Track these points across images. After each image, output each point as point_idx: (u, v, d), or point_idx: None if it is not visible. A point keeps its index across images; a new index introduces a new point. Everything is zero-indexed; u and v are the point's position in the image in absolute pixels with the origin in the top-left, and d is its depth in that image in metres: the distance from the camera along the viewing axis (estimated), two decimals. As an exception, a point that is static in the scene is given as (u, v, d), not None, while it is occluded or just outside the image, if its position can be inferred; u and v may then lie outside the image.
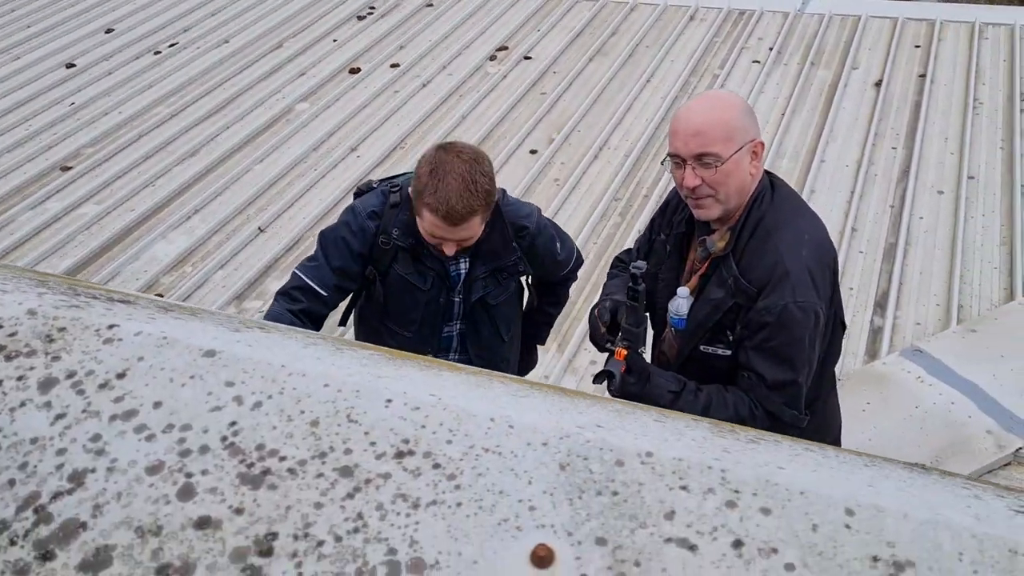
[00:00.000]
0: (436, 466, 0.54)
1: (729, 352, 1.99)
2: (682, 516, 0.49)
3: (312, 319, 2.27)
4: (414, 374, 0.62)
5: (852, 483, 0.51)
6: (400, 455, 0.55)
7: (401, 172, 2.60)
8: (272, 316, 2.26)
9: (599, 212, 5.02)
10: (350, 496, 0.53)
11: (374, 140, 5.90)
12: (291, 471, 0.55)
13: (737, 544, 0.47)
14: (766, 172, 2.02)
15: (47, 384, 0.61)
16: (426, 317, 2.45)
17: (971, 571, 0.46)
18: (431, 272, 2.37)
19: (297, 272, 2.38)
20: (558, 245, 2.56)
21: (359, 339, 2.67)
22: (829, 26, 6.83)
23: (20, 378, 0.62)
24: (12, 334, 0.65)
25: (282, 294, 2.36)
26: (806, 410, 1.98)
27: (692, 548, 0.47)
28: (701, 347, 2.03)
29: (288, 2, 8.13)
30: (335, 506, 0.53)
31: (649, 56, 6.68)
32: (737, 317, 1.95)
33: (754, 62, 6.44)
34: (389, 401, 0.59)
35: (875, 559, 0.46)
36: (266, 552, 0.51)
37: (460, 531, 0.50)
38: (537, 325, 2.87)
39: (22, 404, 0.61)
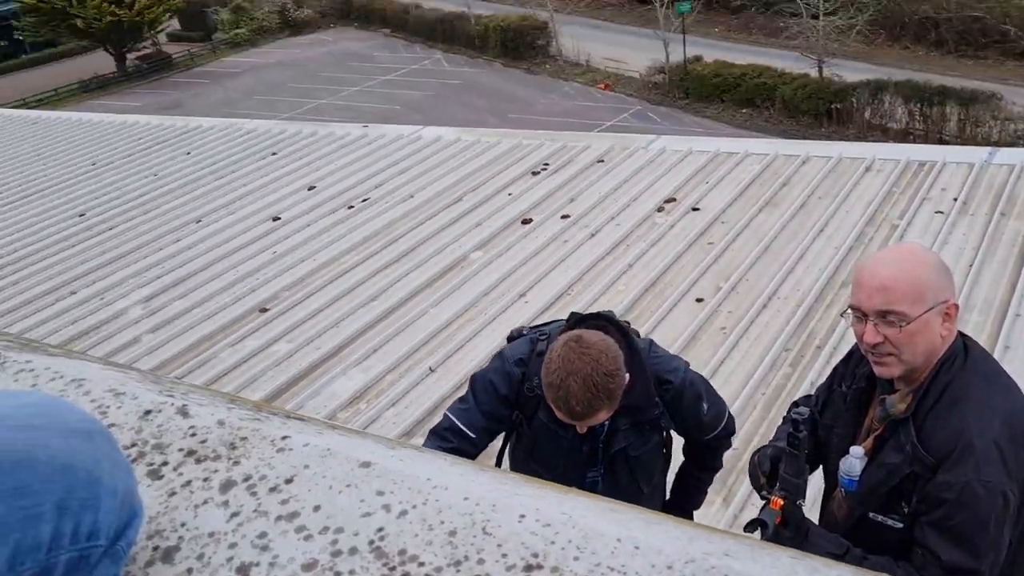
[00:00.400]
0: (563, 581, 0.56)
1: (902, 525, 1.84)
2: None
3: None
4: (549, 495, 0.65)
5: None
6: (529, 568, 0.57)
7: (553, 320, 2.66)
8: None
9: (768, 362, 4.88)
10: (483, 604, 0.56)
11: (542, 287, 6.09)
12: (429, 576, 0.59)
13: None
14: (960, 333, 1.89)
15: (227, 485, 0.69)
16: (569, 464, 2.46)
17: None
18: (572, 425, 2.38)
19: (448, 414, 2.47)
20: (704, 405, 2.51)
21: None
22: (1021, 176, 6.53)
23: (206, 479, 0.71)
24: (203, 441, 0.75)
25: (434, 433, 2.45)
26: None
27: None
28: (871, 515, 1.90)
29: (469, 161, 8.75)
30: (468, 612, 0.56)
31: (822, 207, 6.60)
32: (914, 487, 1.81)
33: (937, 212, 6.22)
34: (522, 516, 0.62)
35: None
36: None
37: (581, 644, 0.52)
38: (687, 489, 2.79)
39: (205, 502, 0.68)
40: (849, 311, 1.85)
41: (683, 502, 2.80)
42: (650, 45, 34.72)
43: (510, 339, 2.61)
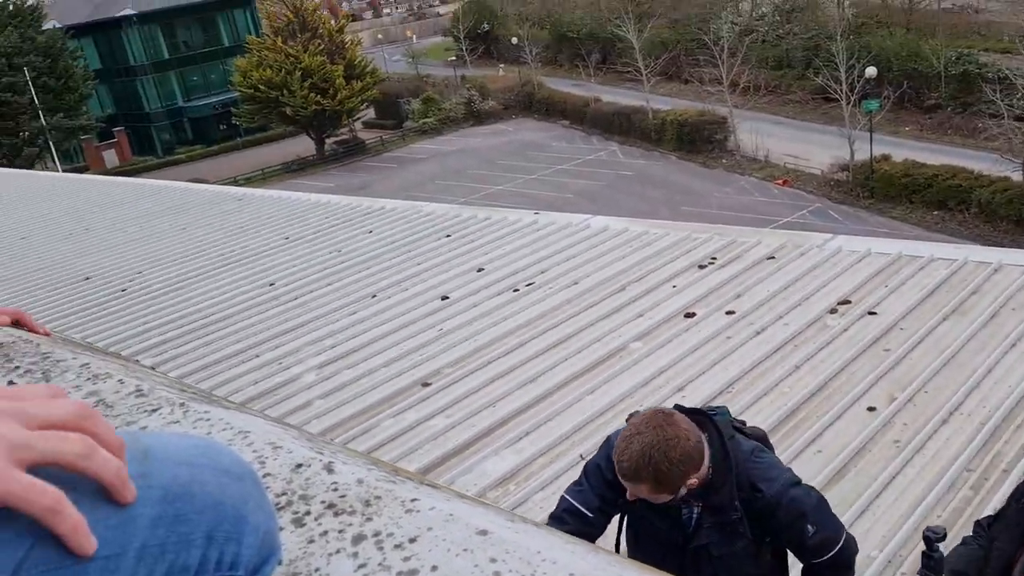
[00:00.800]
0: (655, 664, 0.57)
1: None
2: None
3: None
4: (650, 577, 0.66)
5: None
6: (624, 647, 0.59)
7: None
8: None
9: (946, 482, 4.52)
10: (573, 676, 0.58)
11: (701, 382, 5.96)
12: (528, 644, 0.61)
13: None
14: None
15: (358, 539, 0.75)
16: (666, 557, 2.49)
17: None
18: (666, 515, 2.49)
19: (565, 495, 2.60)
20: (810, 527, 2.41)
21: None
22: None
23: (340, 531, 0.77)
24: (343, 496, 0.81)
25: (552, 517, 2.51)
26: None
27: None
28: None
29: (636, 251, 8.80)
30: None
31: (1016, 318, 6.12)
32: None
33: None
34: (623, 598, 0.64)
35: None
36: None
37: None
38: None
39: (337, 551, 0.75)
40: None
41: None
42: (833, 143, 33.89)
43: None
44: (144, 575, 0.60)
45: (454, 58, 61.69)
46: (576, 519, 2.50)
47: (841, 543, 2.47)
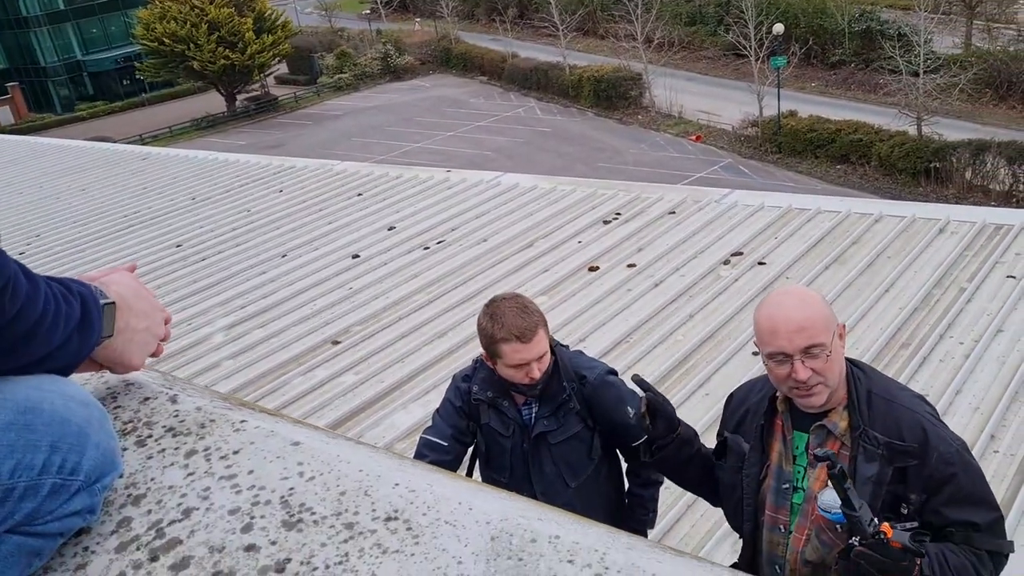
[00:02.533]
0: (408, 528, 0.74)
1: (917, 523, 1.92)
2: (558, 580, 0.65)
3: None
4: (420, 471, 0.83)
5: (700, 573, 0.64)
6: (389, 519, 0.75)
7: None
8: None
9: (819, 418, 4.88)
10: (345, 541, 0.74)
11: (602, 333, 6.22)
12: (315, 522, 0.77)
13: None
14: None
15: (190, 453, 0.90)
16: (515, 463, 2.80)
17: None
18: (511, 421, 2.76)
19: (422, 436, 2.86)
20: (630, 408, 2.72)
21: None
22: (1102, 242, 6.35)
23: (176, 448, 0.91)
24: (182, 421, 0.95)
25: (415, 458, 2.68)
26: None
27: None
28: (898, 526, 1.98)
29: (544, 208, 8.99)
30: (333, 546, 0.74)
31: (890, 266, 6.55)
32: (905, 482, 1.95)
33: (1008, 277, 6.10)
34: (396, 484, 0.80)
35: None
36: (280, 570, 0.73)
37: (406, 572, 0.69)
38: (632, 507, 2.98)
39: (171, 464, 0.89)
40: (766, 356, 2.00)
41: (630, 520, 2.96)
42: (744, 98, 34.69)
43: None
44: None
45: (368, 11, 60.38)
46: (432, 450, 2.75)
47: None
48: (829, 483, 1.99)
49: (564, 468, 2.80)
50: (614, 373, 2.87)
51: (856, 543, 1.84)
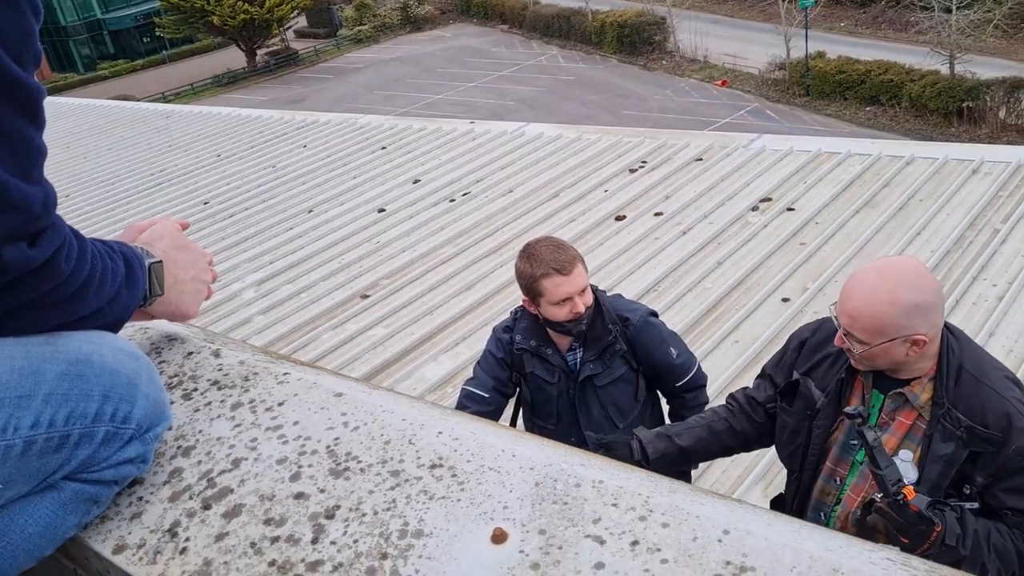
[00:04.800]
0: (454, 475, 0.75)
1: (977, 504, 1.93)
2: (604, 522, 0.66)
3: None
4: (465, 420, 0.84)
5: (742, 515, 0.64)
6: (434, 466, 0.77)
7: None
8: None
9: (850, 364, 4.86)
10: (392, 488, 0.76)
11: (630, 282, 6.20)
12: (362, 470, 0.79)
13: (634, 543, 0.63)
14: None
15: (236, 406, 0.92)
16: (561, 410, 2.82)
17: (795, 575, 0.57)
18: (555, 368, 2.77)
19: (463, 387, 2.87)
20: (673, 350, 2.80)
21: None
22: None
23: (222, 401, 0.93)
24: (226, 374, 0.97)
25: (457, 409, 2.72)
26: None
27: (602, 542, 0.64)
28: (952, 503, 1.98)
29: (569, 157, 8.92)
30: (380, 493, 0.75)
31: (922, 209, 6.45)
32: (974, 466, 1.91)
33: (1044, 217, 5.99)
34: (440, 433, 0.81)
35: (728, 563, 0.60)
36: (330, 516, 0.74)
37: (453, 516, 0.71)
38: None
39: (218, 416, 0.91)
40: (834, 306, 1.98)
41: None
42: (771, 40, 33.93)
43: None
44: (50, 413, 0.78)
45: (387, -39, 59.52)
46: (474, 401, 2.77)
47: (697, 365, 2.91)
48: (899, 455, 1.98)
49: (612, 410, 2.83)
50: (655, 315, 2.88)
51: (878, 499, 1.86)
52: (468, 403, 2.77)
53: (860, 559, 0.59)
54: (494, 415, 2.81)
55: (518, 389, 2.93)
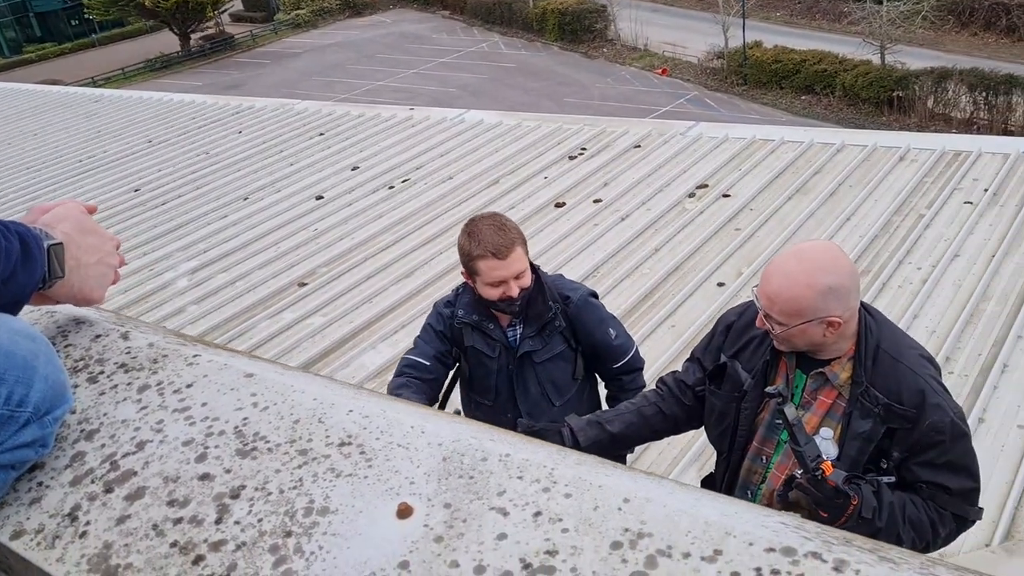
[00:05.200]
0: (362, 452, 0.75)
1: (894, 478, 2.00)
2: (509, 494, 0.67)
3: (425, 388, 2.71)
4: (376, 398, 0.84)
5: (645, 484, 0.65)
6: (343, 444, 0.76)
7: None
8: (391, 388, 2.71)
9: (781, 346, 4.97)
10: (299, 467, 0.75)
11: (568, 268, 6.23)
12: (269, 449, 0.78)
13: (537, 514, 0.64)
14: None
15: (143, 388, 0.90)
16: (500, 385, 2.83)
17: (688, 541, 0.59)
18: (496, 342, 2.77)
19: (404, 356, 2.84)
20: (612, 331, 2.84)
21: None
22: (1057, 167, 6.45)
23: (128, 384, 0.91)
24: (134, 357, 0.95)
25: (395, 377, 2.74)
26: None
27: (506, 514, 0.65)
28: (867, 477, 2.04)
29: (509, 144, 8.92)
30: (287, 472, 0.75)
31: (852, 195, 6.62)
32: (892, 442, 1.97)
33: (966, 203, 6.19)
34: (350, 411, 0.81)
35: (626, 530, 0.61)
36: (235, 496, 0.73)
37: (359, 493, 0.70)
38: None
39: (124, 399, 0.89)
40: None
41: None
42: (710, 29, 34.36)
43: None
44: None
45: (325, -56, 58.52)
46: (413, 368, 2.74)
47: (635, 349, 2.95)
48: (820, 432, 2.04)
49: (549, 388, 2.84)
50: (596, 296, 2.91)
51: (798, 476, 1.94)
52: (408, 369, 2.74)
53: (753, 523, 0.61)
54: (434, 386, 2.79)
55: (456, 364, 2.92)
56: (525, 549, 0.62)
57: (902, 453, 1.97)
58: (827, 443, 2.01)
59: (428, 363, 2.76)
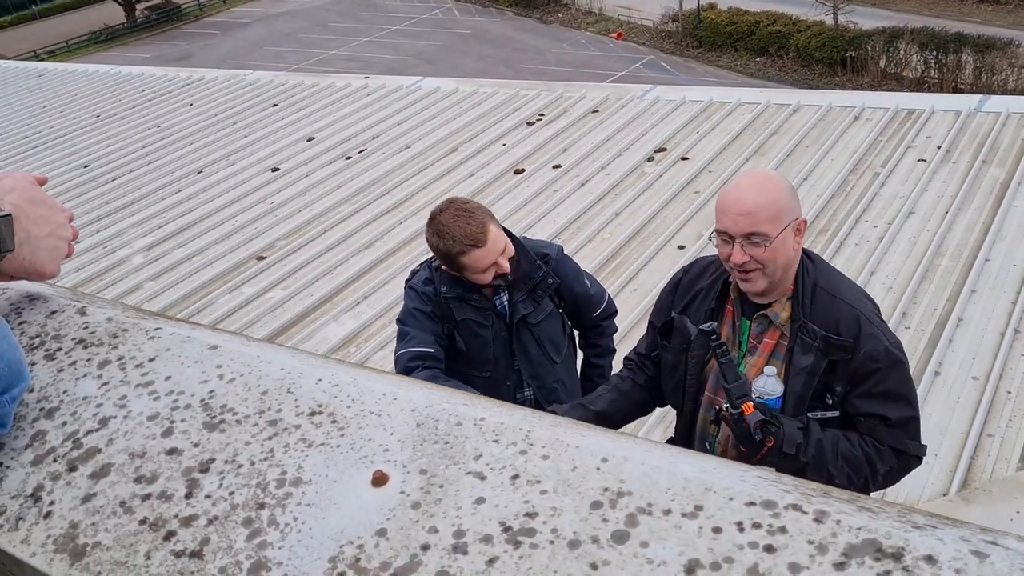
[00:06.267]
0: (333, 421, 0.74)
1: (837, 412, 2.05)
2: (485, 458, 0.66)
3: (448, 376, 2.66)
4: (343, 367, 0.82)
5: (621, 444, 0.65)
6: (312, 413, 0.75)
7: None
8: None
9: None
10: (269, 438, 0.73)
11: (531, 234, 6.19)
12: (238, 421, 0.76)
13: (515, 477, 0.63)
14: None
15: (103, 364, 0.87)
16: (498, 353, 2.79)
17: (669, 498, 0.59)
18: (487, 311, 2.75)
19: (399, 355, 2.68)
20: (587, 281, 2.88)
21: None
22: (1006, 124, 6.56)
23: (88, 360, 0.88)
24: (92, 332, 0.92)
25: (414, 373, 2.59)
26: None
27: (483, 478, 0.64)
28: (810, 415, 2.08)
29: (466, 111, 8.83)
30: (257, 444, 0.73)
31: (808, 155, 6.68)
32: (834, 375, 2.02)
33: (920, 160, 6.29)
34: (319, 380, 0.79)
35: (605, 489, 0.60)
36: (204, 470, 0.72)
37: (333, 462, 0.69)
38: (592, 379, 3.07)
39: (84, 375, 0.86)
40: (715, 235, 2.03)
41: (592, 389, 3.06)
42: (664, -8, 34.32)
43: (408, 279, 2.91)
44: None
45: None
46: (423, 359, 2.63)
47: (608, 295, 3.01)
48: (764, 371, 2.07)
49: (548, 346, 2.83)
50: (563, 251, 2.95)
51: (723, 411, 2.01)
52: (418, 362, 2.62)
53: (732, 478, 0.61)
54: (442, 371, 2.69)
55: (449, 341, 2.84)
56: (504, 512, 0.61)
57: (844, 387, 2.02)
58: (772, 380, 2.04)
59: (433, 350, 2.66)
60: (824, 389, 2.03)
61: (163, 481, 0.71)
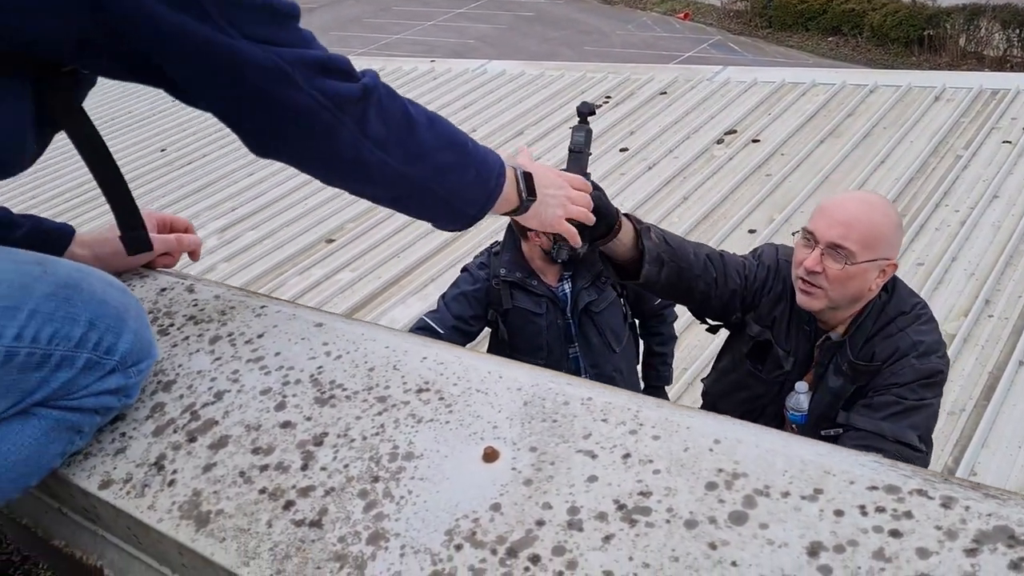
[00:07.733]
0: (441, 398, 0.75)
1: (841, 431, 1.93)
2: (595, 437, 0.66)
3: None
4: (447, 346, 0.84)
5: (731, 426, 0.65)
6: (420, 391, 0.76)
7: None
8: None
9: (815, 292, 4.93)
10: (379, 414, 0.75)
11: (597, 219, 6.19)
12: (347, 397, 0.78)
13: (626, 456, 0.63)
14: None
15: (214, 339, 0.90)
16: (551, 342, 2.76)
17: (786, 480, 0.58)
18: (543, 298, 2.72)
19: (421, 317, 2.76)
20: None
21: None
22: (1099, 103, 6.28)
23: (199, 335, 0.91)
24: (202, 309, 0.95)
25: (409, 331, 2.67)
26: None
27: (594, 456, 0.64)
28: (822, 432, 2.00)
29: (532, 95, 8.81)
30: (368, 419, 0.75)
31: (886, 137, 6.49)
32: (859, 393, 1.91)
33: (1004, 142, 6.05)
34: (424, 358, 0.81)
35: (720, 470, 0.60)
36: (318, 443, 0.74)
37: (443, 438, 0.70)
38: (654, 366, 3.07)
39: (197, 351, 0.89)
40: (801, 232, 1.88)
41: (654, 379, 3.08)
42: (732, -29, 33.56)
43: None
44: (34, 329, 0.78)
45: None
46: (425, 331, 2.65)
47: None
48: (796, 386, 1.98)
49: (609, 335, 2.81)
50: None
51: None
52: (421, 334, 2.62)
53: (849, 462, 0.60)
54: None
55: (490, 330, 2.86)
56: (618, 491, 0.62)
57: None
58: (802, 397, 1.95)
59: (443, 331, 2.66)
60: (848, 410, 1.91)
61: (279, 453, 0.74)
